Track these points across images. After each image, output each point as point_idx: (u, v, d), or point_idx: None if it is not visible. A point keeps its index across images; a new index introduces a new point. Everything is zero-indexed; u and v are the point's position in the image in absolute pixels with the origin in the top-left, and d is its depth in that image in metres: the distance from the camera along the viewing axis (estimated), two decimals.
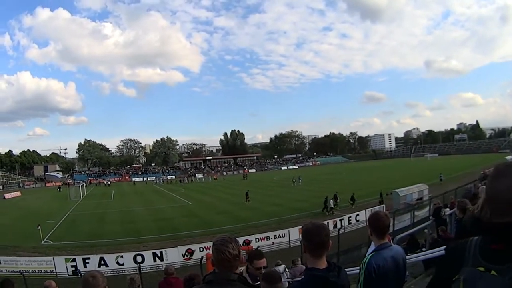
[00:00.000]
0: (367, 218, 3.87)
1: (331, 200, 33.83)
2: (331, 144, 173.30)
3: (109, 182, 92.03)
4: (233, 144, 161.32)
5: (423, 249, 11.32)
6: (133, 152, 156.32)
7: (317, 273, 2.76)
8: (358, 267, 3.49)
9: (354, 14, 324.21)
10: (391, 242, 3.68)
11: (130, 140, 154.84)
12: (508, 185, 1.48)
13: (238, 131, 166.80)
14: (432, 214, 14.01)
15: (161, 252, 21.04)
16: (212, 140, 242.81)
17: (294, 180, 60.70)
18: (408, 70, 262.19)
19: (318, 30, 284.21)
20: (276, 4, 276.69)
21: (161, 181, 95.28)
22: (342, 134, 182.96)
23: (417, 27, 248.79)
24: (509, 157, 56.55)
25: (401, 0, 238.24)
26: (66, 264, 20.06)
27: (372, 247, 3.65)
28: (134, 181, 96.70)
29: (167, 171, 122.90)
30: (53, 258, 20.78)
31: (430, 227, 12.59)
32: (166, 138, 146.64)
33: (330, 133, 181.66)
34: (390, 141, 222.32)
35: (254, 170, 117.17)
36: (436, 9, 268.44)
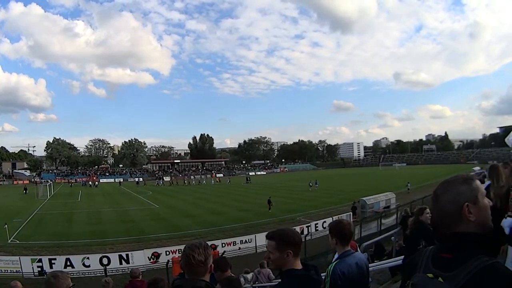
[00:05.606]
0: (329, 226, 3.87)
1: None
2: (300, 151, 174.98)
3: (96, 183, 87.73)
4: (202, 148, 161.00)
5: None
6: (101, 152, 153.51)
7: (299, 273, 2.80)
8: (324, 274, 3.51)
9: (324, 24, 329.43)
10: (358, 249, 3.72)
11: (99, 140, 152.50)
12: (446, 201, 1.74)
13: (207, 135, 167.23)
14: (400, 222, 14.25)
15: (127, 255, 20.63)
16: (181, 143, 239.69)
17: (311, 184, 59.79)
18: (378, 80, 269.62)
19: (290, 37, 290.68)
20: (249, 10, 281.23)
21: (159, 183, 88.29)
22: (311, 142, 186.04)
23: (390, 39, 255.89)
24: (476, 168, 57.88)
25: (371, 13, 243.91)
26: (32, 265, 19.46)
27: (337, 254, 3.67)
28: (119, 182, 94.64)
29: (134, 172, 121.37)
30: (19, 258, 20.18)
31: (397, 235, 12.79)
32: (134, 139, 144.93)
33: (299, 140, 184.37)
34: (359, 150, 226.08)
35: (222, 175, 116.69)
36: (409, 22, 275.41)
